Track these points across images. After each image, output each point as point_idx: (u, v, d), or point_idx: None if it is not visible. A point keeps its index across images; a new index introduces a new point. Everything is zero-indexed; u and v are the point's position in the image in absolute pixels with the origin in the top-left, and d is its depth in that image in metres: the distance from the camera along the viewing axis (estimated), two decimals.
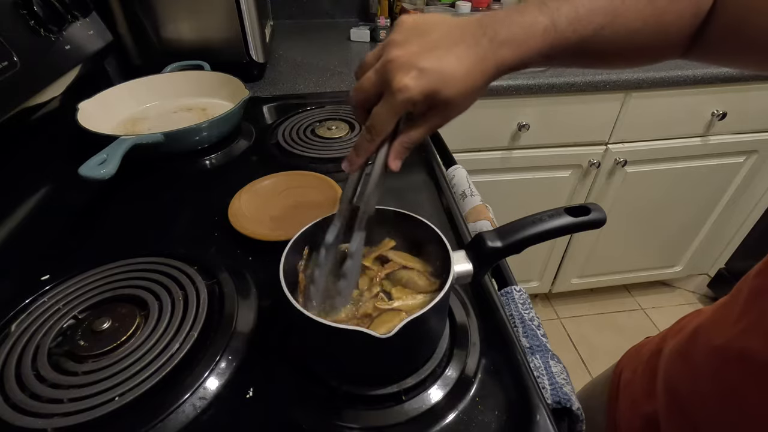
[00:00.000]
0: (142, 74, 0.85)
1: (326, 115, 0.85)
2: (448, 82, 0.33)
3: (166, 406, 0.37)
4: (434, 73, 0.32)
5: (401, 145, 0.36)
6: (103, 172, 0.55)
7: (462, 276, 0.39)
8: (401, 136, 0.36)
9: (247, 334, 0.43)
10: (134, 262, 0.50)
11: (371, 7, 1.43)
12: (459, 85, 0.33)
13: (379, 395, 0.37)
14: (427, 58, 0.32)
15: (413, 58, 0.32)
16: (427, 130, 0.36)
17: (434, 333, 0.40)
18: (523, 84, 1.06)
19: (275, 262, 0.36)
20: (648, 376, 0.49)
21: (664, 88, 1.12)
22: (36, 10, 0.65)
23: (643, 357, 0.52)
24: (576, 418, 0.41)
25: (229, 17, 0.93)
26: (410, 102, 0.33)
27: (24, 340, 0.42)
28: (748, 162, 1.32)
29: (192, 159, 0.73)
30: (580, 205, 0.39)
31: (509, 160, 1.21)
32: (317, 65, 1.15)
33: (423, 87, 0.32)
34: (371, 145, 0.36)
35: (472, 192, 0.66)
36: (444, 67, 0.32)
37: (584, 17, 0.33)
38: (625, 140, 1.23)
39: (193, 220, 0.61)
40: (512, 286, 0.51)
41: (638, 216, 1.41)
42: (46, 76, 0.67)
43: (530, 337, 0.46)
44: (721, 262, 1.61)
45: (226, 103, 0.84)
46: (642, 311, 1.73)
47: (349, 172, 0.39)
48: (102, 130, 0.67)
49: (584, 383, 0.67)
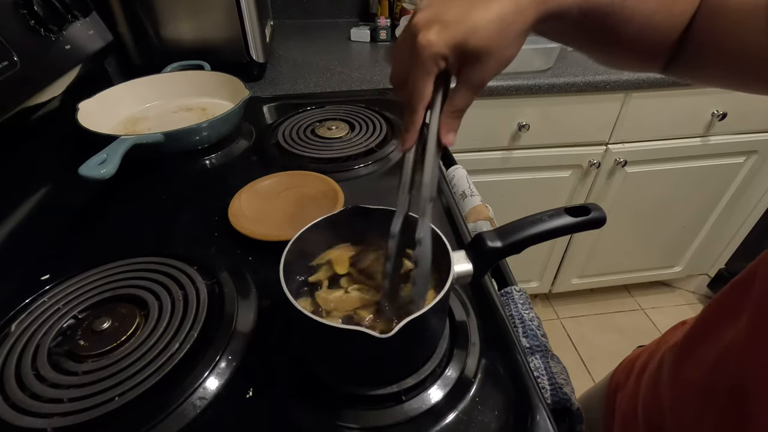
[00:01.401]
0: (142, 74, 0.85)
1: (326, 115, 0.85)
2: (476, 29, 0.31)
3: (166, 406, 0.37)
4: (458, 23, 0.31)
5: (448, 115, 0.35)
6: (103, 171, 0.55)
7: (462, 276, 0.38)
8: (446, 105, 0.34)
9: (247, 334, 0.43)
10: (134, 262, 0.50)
11: (371, 7, 1.43)
12: (490, 31, 0.31)
13: (379, 395, 0.37)
14: (450, 11, 0.31)
15: (436, 14, 0.31)
16: (470, 89, 0.34)
17: (434, 333, 0.40)
18: (523, 84, 1.06)
19: (275, 262, 0.36)
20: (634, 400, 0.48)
21: (664, 88, 1.12)
22: (36, 9, 0.65)
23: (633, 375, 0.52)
24: (576, 418, 0.41)
25: (229, 17, 0.93)
26: (437, 56, 0.31)
27: (24, 340, 0.42)
28: (748, 162, 1.32)
29: (192, 159, 0.73)
30: (580, 205, 0.39)
31: (509, 160, 1.21)
32: (317, 65, 1.15)
33: (447, 38, 0.31)
34: (416, 117, 0.34)
35: (472, 192, 0.66)
36: (469, 15, 0.31)
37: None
38: (626, 140, 1.23)
39: (193, 220, 0.61)
40: (512, 286, 0.51)
41: (638, 216, 1.41)
42: (46, 76, 0.67)
43: (530, 337, 0.46)
44: (721, 262, 1.61)
45: (226, 103, 0.84)
46: (642, 311, 1.73)
47: (403, 151, 0.37)
48: (102, 129, 0.67)
49: (584, 383, 0.67)
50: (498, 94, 1.07)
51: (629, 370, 0.54)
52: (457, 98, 0.34)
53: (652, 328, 1.66)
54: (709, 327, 0.38)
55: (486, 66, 0.32)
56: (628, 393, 0.51)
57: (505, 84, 1.05)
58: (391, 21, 1.33)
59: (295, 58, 1.20)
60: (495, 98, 1.08)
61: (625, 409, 0.50)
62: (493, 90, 1.06)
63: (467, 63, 0.32)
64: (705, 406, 0.35)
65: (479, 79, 0.33)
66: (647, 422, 0.44)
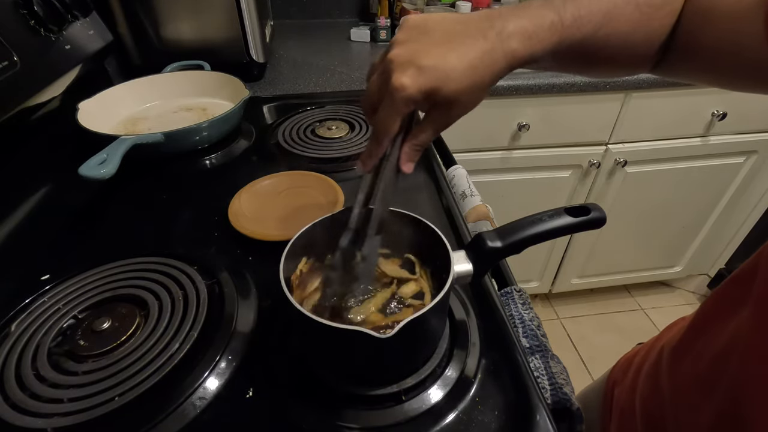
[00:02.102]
0: (142, 74, 0.85)
1: (326, 115, 0.85)
2: (449, 78, 0.32)
3: (166, 406, 0.37)
4: (433, 70, 0.31)
5: (410, 148, 0.36)
6: (103, 171, 0.55)
7: (462, 276, 0.38)
8: (410, 138, 0.36)
9: (247, 334, 0.43)
10: (134, 262, 0.50)
11: (371, 7, 1.43)
12: (460, 81, 0.32)
13: (379, 395, 0.37)
14: (427, 55, 0.32)
15: (413, 55, 0.32)
16: (434, 130, 0.36)
17: (434, 333, 0.40)
18: (523, 84, 1.06)
19: (275, 262, 0.36)
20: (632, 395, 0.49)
21: (664, 88, 1.12)
22: (36, 9, 0.65)
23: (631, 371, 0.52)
24: (576, 418, 0.41)
25: (229, 17, 0.93)
26: (409, 101, 0.32)
27: (24, 340, 0.42)
28: (748, 162, 1.32)
29: (192, 159, 0.73)
30: (580, 205, 0.39)
31: (509, 160, 1.21)
32: (317, 65, 1.15)
33: (421, 85, 0.32)
34: (379, 148, 0.36)
35: (472, 192, 0.66)
36: (444, 63, 0.32)
37: (585, 16, 0.34)
38: (626, 140, 1.23)
39: (193, 220, 0.61)
40: (512, 286, 0.51)
41: (638, 216, 1.41)
42: (46, 76, 0.67)
43: (530, 337, 0.46)
44: (721, 262, 1.61)
45: (226, 103, 0.84)
46: (642, 311, 1.73)
47: (363, 173, 0.38)
48: (102, 129, 0.67)
49: (584, 383, 0.67)
50: (498, 94, 1.07)
51: (627, 366, 0.54)
52: (422, 135, 0.36)
53: (652, 328, 1.66)
54: (708, 321, 0.39)
55: (453, 111, 0.34)
56: (626, 388, 0.51)
57: (505, 84, 1.05)
58: (391, 21, 1.33)
59: (295, 58, 1.20)
60: (495, 98, 1.08)
61: (623, 404, 0.50)
62: (493, 90, 1.06)
63: (436, 107, 0.34)
64: (705, 400, 0.35)
65: (444, 122, 0.35)
66: (646, 417, 0.44)
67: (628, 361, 0.55)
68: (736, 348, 0.33)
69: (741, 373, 0.32)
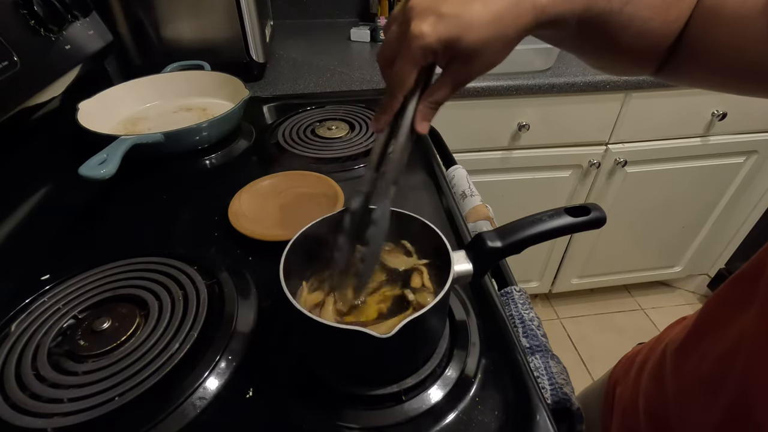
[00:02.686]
0: (142, 74, 0.85)
1: (326, 115, 0.85)
2: (471, 27, 0.30)
3: (166, 406, 0.37)
4: (454, 18, 0.30)
5: (426, 105, 0.34)
6: (103, 171, 0.55)
7: (462, 276, 0.38)
8: (426, 95, 0.34)
9: (247, 334, 0.43)
10: (134, 262, 0.50)
11: (371, 7, 1.43)
12: (483, 32, 0.30)
13: (379, 395, 0.37)
14: (449, 2, 0.30)
15: (435, 2, 0.30)
16: (452, 85, 0.34)
17: (434, 333, 0.40)
18: (523, 84, 1.06)
19: (275, 262, 0.36)
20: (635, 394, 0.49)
21: (664, 88, 1.12)
22: (36, 9, 0.65)
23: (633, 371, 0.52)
24: (576, 418, 0.41)
25: (229, 17, 0.93)
26: (427, 49, 0.31)
27: (24, 340, 0.42)
28: (748, 162, 1.32)
29: (192, 159, 0.73)
30: (580, 205, 0.39)
31: (509, 160, 1.21)
32: (317, 65, 1.14)
33: (441, 33, 0.30)
34: (394, 102, 0.34)
35: (472, 192, 0.66)
36: (467, 11, 0.30)
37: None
38: (626, 140, 1.23)
39: (193, 220, 0.61)
40: (512, 286, 0.51)
41: (638, 216, 1.41)
42: (46, 76, 0.67)
43: (530, 337, 0.46)
44: (721, 262, 1.61)
45: (226, 103, 0.84)
46: (642, 311, 1.73)
47: (375, 131, 0.37)
48: (102, 129, 0.67)
49: (584, 383, 0.67)
50: (498, 94, 1.07)
51: (629, 366, 0.54)
52: (439, 92, 0.34)
53: (652, 328, 1.66)
54: (712, 321, 0.39)
55: (473, 66, 0.32)
56: (628, 387, 0.51)
57: (505, 84, 1.05)
58: None
59: (295, 58, 1.20)
60: (495, 98, 1.08)
61: (625, 403, 0.50)
62: (493, 90, 1.06)
63: (455, 60, 0.32)
64: (711, 399, 0.35)
65: (464, 77, 0.33)
66: (649, 416, 0.44)
67: (630, 360, 0.55)
68: (743, 348, 0.33)
69: (748, 372, 0.32)
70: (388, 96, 0.34)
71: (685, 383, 0.39)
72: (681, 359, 0.41)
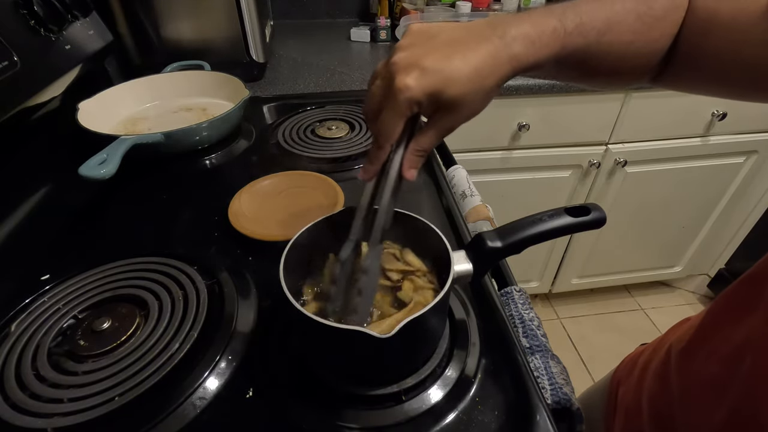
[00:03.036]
0: (142, 74, 0.85)
1: (326, 115, 0.85)
2: (454, 80, 0.31)
3: (166, 406, 0.37)
4: (437, 71, 0.31)
5: (413, 153, 0.36)
6: (103, 172, 0.55)
7: (462, 276, 0.38)
8: (412, 144, 0.35)
9: (247, 334, 0.43)
10: (134, 262, 0.50)
11: (371, 7, 1.43)
12: (465, 84, 0.32)
13: (379, 395, 0.37)
14: (430, 57, 0.32)
15: (417, 58, 0.32)
16: (437, 134, 0.35)
17: (434, 333, 0.40)
18: (523, 84, 1.06)
19: (275, 262, 0.36)
20: (638, 394, 0.49)
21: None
22: (36, 9, 0.65)
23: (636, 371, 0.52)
24: (576, 418, 0.41)
25: (229, 17, 0.93)
26: (412, 102, 0.32)
27: (24, 340, 0.42)
28: (748, 162, 1.32)
29: (192, 159, 0.73)
30: (580, 205, 0.39)
31: (509, 160, 1.21)
32: (317, 65, 1.14)
33: (425, 86, 0.31)
34: (381, 153, 0.35)
35: (472, 192, 0.66)
36: (449, 65, 0.31)
37: (587, 23, 0.34)
38: (625, 140, 1.23)
39: (193, 220, 0.61)
40: (512, 286, 0.51)
41: (638, 216, 1.41)
42: (46, 76, 0.67)
43: (530, 337, 0.46)
44: (721, 262, 1.61)
45: (226, 103, 0.84)
46: (642, 311, 1.73)
47: (364, 180, 0.38)
48: (102, 129, 0.67)
49: (584, 383, 0.67)
50: (498, 94, 1.06)
51: (632, 366, 0.54)
52: (424, 140, 0.35)
53: (652, 328, 1.66)
54: (719, 322, 0.39)
55: (456, 115, 0.34)
56: (631, 387, 0.51)
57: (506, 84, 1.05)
58: (391, 21, 1.33)
59: (295, 58, 1.20)
60: (495, 98, 1.07)
61: (628, 403, 0.50)
62: None
63: (439, 110, 0.34)
64: (717, 400, 0.35)
65: (448, 126, 0.35)
66: (654, 416, 0.44)
67: (633, 360, 0.55)
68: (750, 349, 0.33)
69: (754, 374, 0.32)
70: (375, 147, 0.35)
71: (691, 384, 0.39)
72: (686, 360, 0.41)
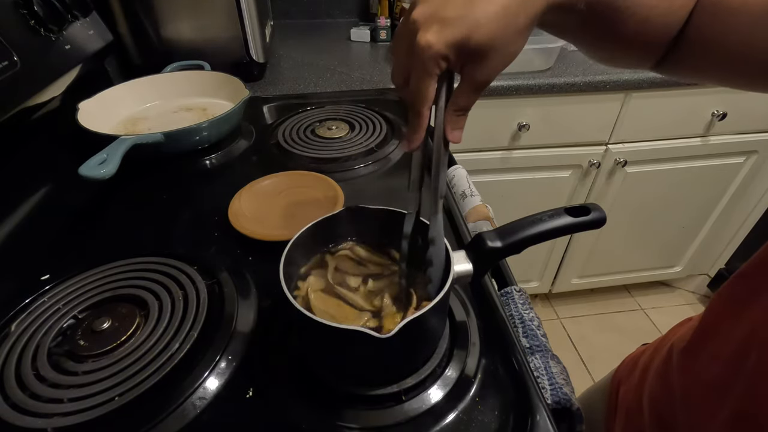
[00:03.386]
0: (142, 74, 0.85)
1: (326, 115, 0.85)
2: (479, 25, 0.29)
3: (166, 406, 0.37)
4: (459, 19, 0.29)
5: (452, 113, 0.33)
6: (103, 171, 0.55)
7: (462, 276, 0.38)
8: (450, 104, 0.33)
9: (247, 334, 0.43)
10: (134, 262, 0.50)
11: (371, 7, 1.43)
12: (492, 26, 0.29)
13: (379, 395, 0.37)
14: (450, 5, 0.29)
15: (436, 9, 0.29)
16: (472, 88, 0.32)
17: (434, 333, 0.40)
18: (523, 84, 1.06)
19: (275, 262, 0.36)
20: (639, 394, 0.49)
21: (664, 88, 1.12)
22: (36, 9, 0.65)
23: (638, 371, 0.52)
24: (576, 418, 0.41)
25: (229, 17, 0.93)
26: (437, 58, 0.29)
27: (24, 340, 0.42)
28: (748, 162, 1.32)
29: (192, 159, 0.73)
30: (580, 205, 0.39)
31: (509, 160, 1.21)
32: (317, 65, 1.15)
33: (448, 38, 0.29)
34: (421, 119, 0.33)
35: (472, 192, 0.66)
36: (471, 9, 0.29)
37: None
38: (625, 140, 1.23)
39: (193, 220, 0.61)
40: (512, 286, 0.51)
41: (638, 216, 1.41)
42: (46, 76, 0.67)
43: (530, 337, 0.46)
44: (721, 262, 1.61)
45: (226, 103, 0.84)
46: (642, 311, 1.73)
47: (409, 151, 0.36)
48: (102, 129, 0.67)
49: (584, 383, 0.67)
50: (498, 94, 1.07)
51: (632, 366, 0.54)
52: (461, 98, 0.33)
53: (652, 328, 1.66)
54: (719, 320, 0.38)
55: (490, 63, 0.31)
56: (632, 387, 0.51)
57: (505, 84, 1.05)
58: (391, 21, 1.33)
59: (295, 58, 1.20)
60: (495, 98, 1.08)
61: (629, 403, 0.50)
62: (493, 90, 1.06)
63: (470, 61, 0.31)
64: (720, 400, 0.35)
65: (483, 78, 0.32)
66: (655, 416, 0.44)
67: (634, 360, 0.55)
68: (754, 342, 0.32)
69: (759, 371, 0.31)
70: (413, 113, 0.33)
71: (693, 384, 0.39)
72: (688, 360, 0.41)
